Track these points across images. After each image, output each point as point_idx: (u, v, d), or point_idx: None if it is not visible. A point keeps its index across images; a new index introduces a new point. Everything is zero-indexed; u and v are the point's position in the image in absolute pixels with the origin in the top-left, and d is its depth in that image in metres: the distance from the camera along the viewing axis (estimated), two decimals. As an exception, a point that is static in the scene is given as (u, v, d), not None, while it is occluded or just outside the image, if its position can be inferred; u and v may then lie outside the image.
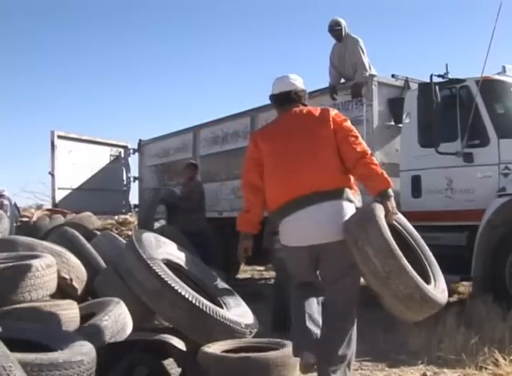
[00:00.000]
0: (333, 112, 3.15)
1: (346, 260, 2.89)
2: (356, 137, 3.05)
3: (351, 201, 3.03)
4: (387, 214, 2.93)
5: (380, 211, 2.90)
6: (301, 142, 3.05)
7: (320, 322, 3.05)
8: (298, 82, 3.29)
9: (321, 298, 3.15)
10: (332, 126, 3.05)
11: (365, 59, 6.45)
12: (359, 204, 3.31)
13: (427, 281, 2.99)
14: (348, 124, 3.11)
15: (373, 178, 2.97)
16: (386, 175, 3.00)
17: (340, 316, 3.05)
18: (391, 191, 2.99)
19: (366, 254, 2.77)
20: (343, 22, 6.69)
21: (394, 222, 3.08)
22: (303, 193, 2.95)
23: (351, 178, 3.07)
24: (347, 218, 2.94)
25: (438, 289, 3.00)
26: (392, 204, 2.97)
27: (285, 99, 3.24)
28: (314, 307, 3.11)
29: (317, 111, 3.16)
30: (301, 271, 3.14)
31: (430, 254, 3.33)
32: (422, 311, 2.89)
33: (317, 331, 3.02)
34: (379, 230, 2.79)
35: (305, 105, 3.27)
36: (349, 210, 2.98)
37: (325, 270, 3.06)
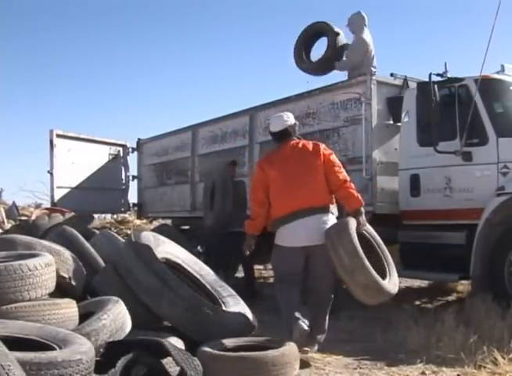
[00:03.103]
0: (322, 146, 4.21)
1: (328, 258, 3.91)
2: (339, 167, 4.15)
3: (332, 214, 4.13)
4: (359, 225, 4.03)
5: (352, 223, 3.94)
6: (300, 169, 4.09)
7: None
8: (290, 120, 4.31)
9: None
10: (322, 158, 4.11)
11: (361, 56, 6.89)
12: (335, 212, 4.22)
13: (384, 276, 3.98)
14: (333, 157, 4.20)
15: (351, 199, 4.08)
16: (360, 197, 4.12)
17: (324, 299, 4.13)
18: (362, 209, 4.11)
19: (339, 253, 3.80)
20: (354, 19, 7.17)
21: (364, 231, 4.16)
22: (302, 208, 3.99)
23: (333, 196, 4.15)
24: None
25: (391, 283, 3.97)
26: (363, 218, 4.09)
27: (282, 135, 4.28)
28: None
29: (310, 145, 4.21)
30: (293, 266, 4.08)
31: (388, 255, 4.23)
32: (377, 297, 3.90)
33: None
34: (350, 237, 3.83)
35: (299, 138, 4.35)
36: (331, 221, 4.07)
37: (314, 265, 4.08)
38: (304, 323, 3.80)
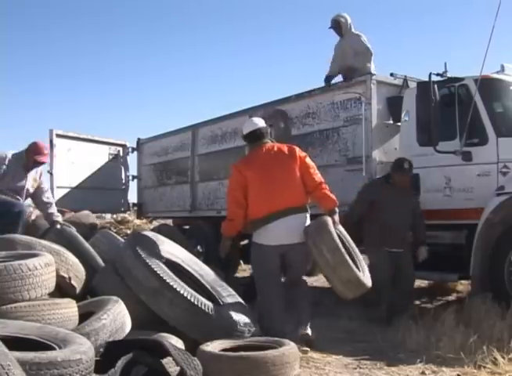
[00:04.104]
0: (297, 149, 4.43)
1: (304, 255, 4.30)
2: (314, 169, 4.40)
3: (308, 212, 4.37)
4: (334, 224, 4.24)
5: (330, 222, 4.19)
6: (277, 170, 4.28)
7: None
8: (260, 123, 4.55)
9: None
10: (298, 161, 4.33)
11: (369, 51, 6.64)
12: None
13: (358, 270, 4.20)
14: (308, 159, 4.43)
15: (326, 199, 4.34)
16: (334, 197, 4.35)
17: (305, 290, 4.49)
18: (336, 208, 4.35)
19: (321, 250, 4.06)
20: (342, 19, 6.92)
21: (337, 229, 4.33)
22: (282, 208, 4.21)
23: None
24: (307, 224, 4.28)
25: (366, 276, 4.23)
26: (337, 216, 4.33)
27: (254, 137, 4.49)
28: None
29: (285, 148, 4.42)
30: (273, 265, 4.33)
31: (357, 250, 4.48)
32: (356, 291, 4.17)
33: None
34: (331, 235, 4.10)
35: (272, 140, 4.55)
36: (308, 219, 4.34)
37: (291, 261, 4.35)
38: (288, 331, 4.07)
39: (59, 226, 5.39)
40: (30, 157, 5.59)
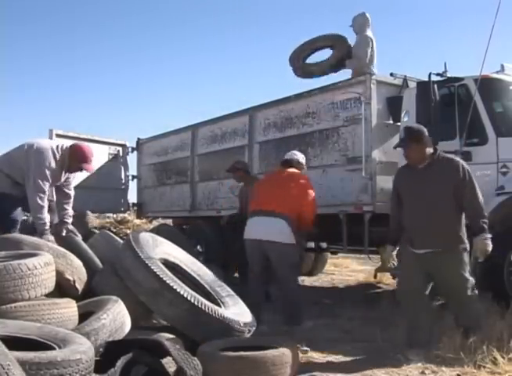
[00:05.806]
0: (301, 176, 5.25)
1: (285, 255, 4.82)
2: (312, 196, 5.11)
3: (288, 224, 4.87)
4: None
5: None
6: (277, 186, 5.11)
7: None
8: (298, 157, 5.45)
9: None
10: (299, 184, 5.08)
11: (366, 53, 6.60)
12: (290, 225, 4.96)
13: None
14: (310, 190, 5.12)
15: (306, 222, 5.07)
16: (311, 224, 5.14)
17: (291, 288, 4.92)
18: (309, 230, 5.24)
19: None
20: (359, 18, 6.99)
21: None
22: (264, 208, 4.94)
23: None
24: (283, 229, 4.87)
25: None
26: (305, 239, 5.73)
27: (286, 162, 5.40)
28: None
29: (295, 174, 5.22)
30: (251, 258, 5.04)
31: None
32: None
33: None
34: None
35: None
36: (285, 226, 4.85)
37: (272, 260, 4.89)
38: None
39: (64, 233, 5.07)
40: (74, 162, 4.99)
